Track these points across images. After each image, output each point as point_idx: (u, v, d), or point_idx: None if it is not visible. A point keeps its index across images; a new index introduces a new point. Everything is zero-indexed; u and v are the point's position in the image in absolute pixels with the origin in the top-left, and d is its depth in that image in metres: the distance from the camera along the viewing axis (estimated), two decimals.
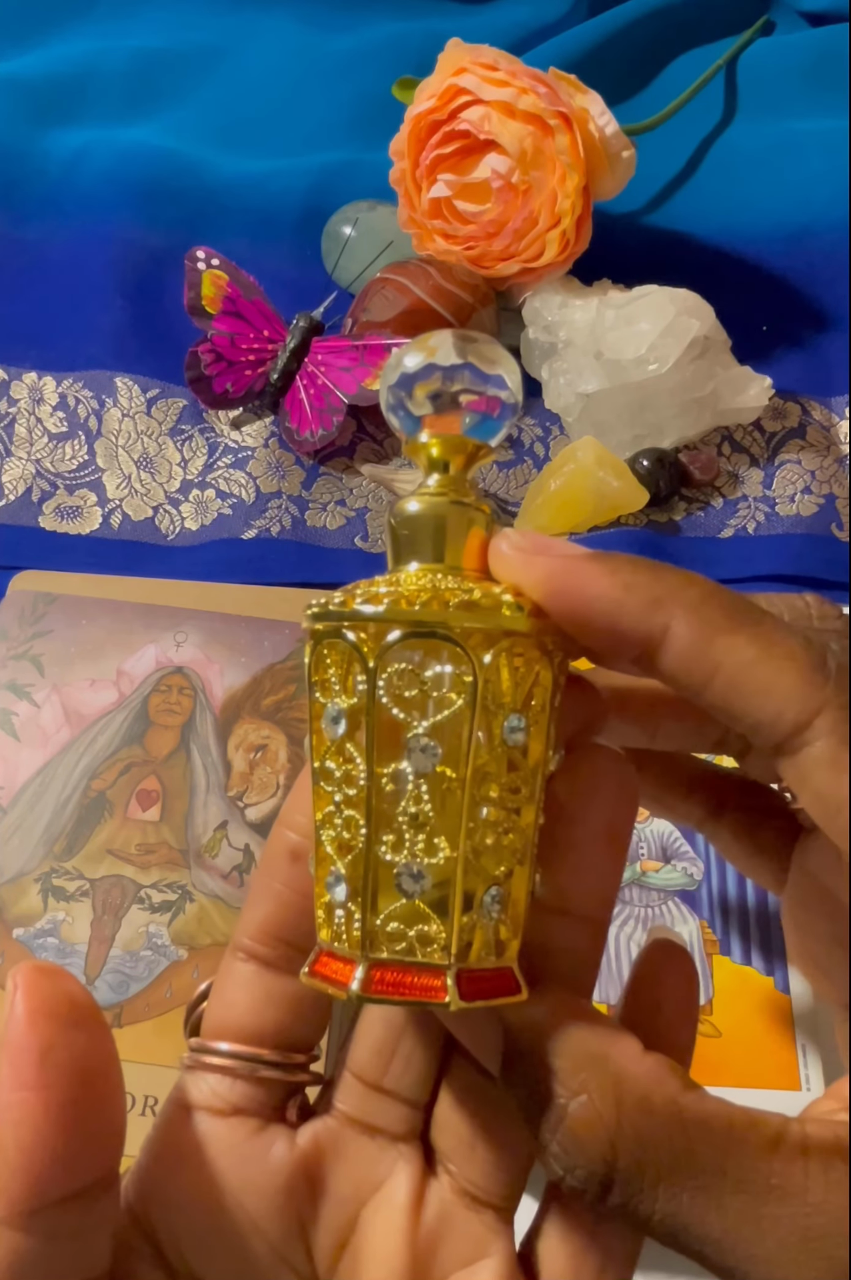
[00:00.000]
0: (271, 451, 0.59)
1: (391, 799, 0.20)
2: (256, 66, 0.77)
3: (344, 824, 0.20)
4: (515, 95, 0.57)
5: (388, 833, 0.20)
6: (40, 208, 0.69)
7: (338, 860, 0.20)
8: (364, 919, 0.20)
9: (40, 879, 0.43)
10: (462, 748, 0.20)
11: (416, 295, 0.58)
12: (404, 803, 0.19)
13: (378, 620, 0.19)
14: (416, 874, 0.20)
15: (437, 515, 0.21)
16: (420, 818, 0.19)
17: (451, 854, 0.20)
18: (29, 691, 0.47)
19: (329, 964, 0.20)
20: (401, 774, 0.19)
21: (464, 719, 0.19)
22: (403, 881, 0.20)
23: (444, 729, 0.19)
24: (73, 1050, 0.19)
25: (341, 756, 0.20)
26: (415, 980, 0.20)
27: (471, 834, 0.20)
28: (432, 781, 0.19)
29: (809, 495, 0.57)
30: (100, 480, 0.59)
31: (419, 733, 0.19)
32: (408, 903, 0.20)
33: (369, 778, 0.20)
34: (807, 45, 0.76)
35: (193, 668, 0.48)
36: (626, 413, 0.57)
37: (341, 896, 0.20)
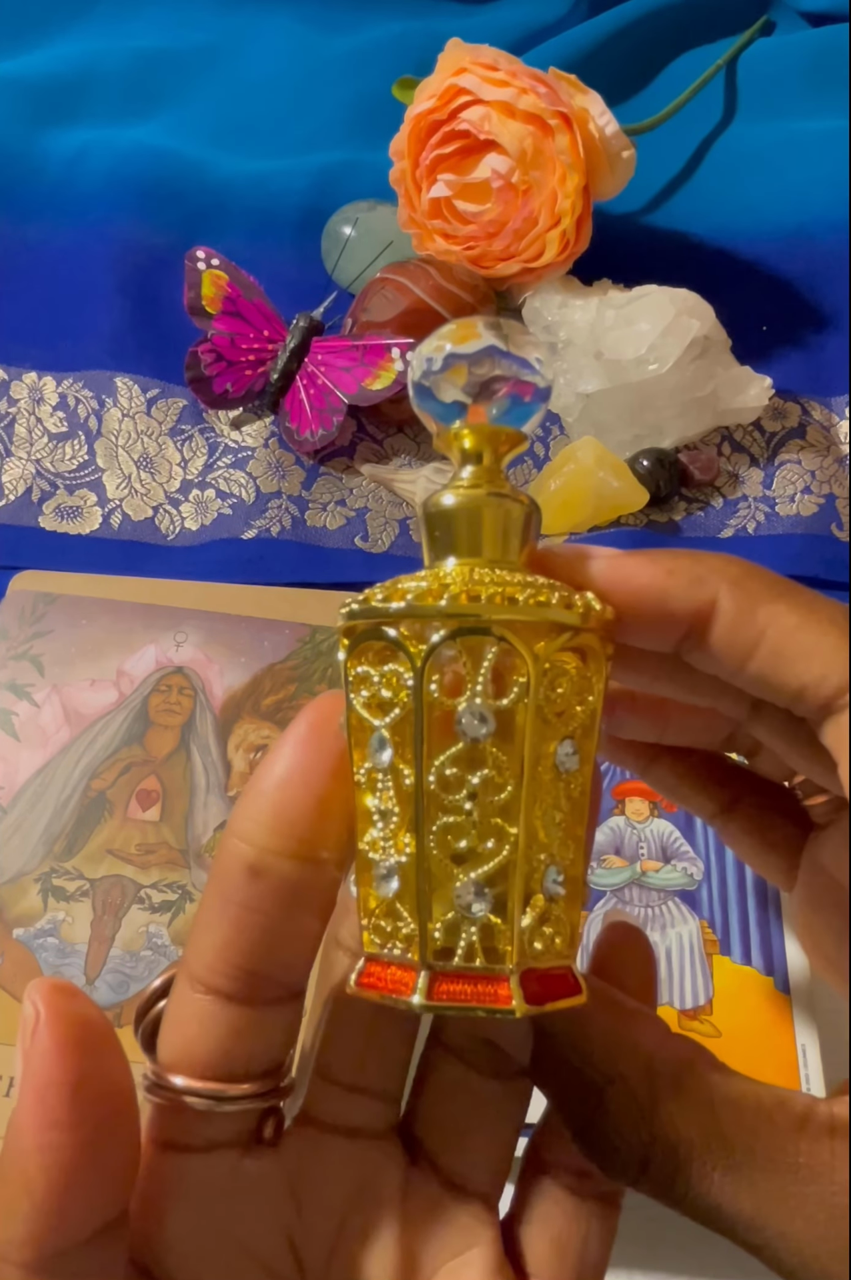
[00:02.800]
0: (271, 451, 0.59)
1: (441, 802, 0.19)
2: (256, 66, 0.77)
3: (392, 832, 0.19)
4: (515, 95, 0.57)
5: (442, 835, 0.19)
6: (40, 208, 0.69)
7: (386, 864, 0.20)
8: (421, 925, 0.19)
9: (40, 879, 0.43)
10: (517, 745, 0.19)
11: (416, 295, 0.58)
12: (457, 798, 0.19)
13: (434, 616, 0.19)
14: (477, 885, 0.19)
15: (475, 508, 0.21)
16: (475, 813, 0.19)
17: (510, 854, 0.19)
18: (29, 691, 0.47)
19: (381, 973, 0.20)
20: (453, 774, 0.19)
21: (519, 716, 0.19)
22: (463, 896, 0.19)
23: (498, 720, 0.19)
24: (101, 1083, 0.18)
25: (389, 771, 0.19)
26: (479, 988, 0.19)
27: (530, 827, 0.19)
28: (486, 784, 0.19)
29: (809, 495, 0.57)
30: (100, 480, 0.59)
31: (473, 706, 0.19)
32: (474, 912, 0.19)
33: (419, 784, 0.19)
34: (807, 45, 0.76)
35: (193, 668, 0.48)
36: (626, 413, 0.57)
37: (393, 895, 0.19)
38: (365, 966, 0.20)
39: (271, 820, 0.20)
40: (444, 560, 0.21)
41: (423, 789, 0.19)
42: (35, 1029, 0.18)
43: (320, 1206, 0.22)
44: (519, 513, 0.21)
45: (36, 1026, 0.18)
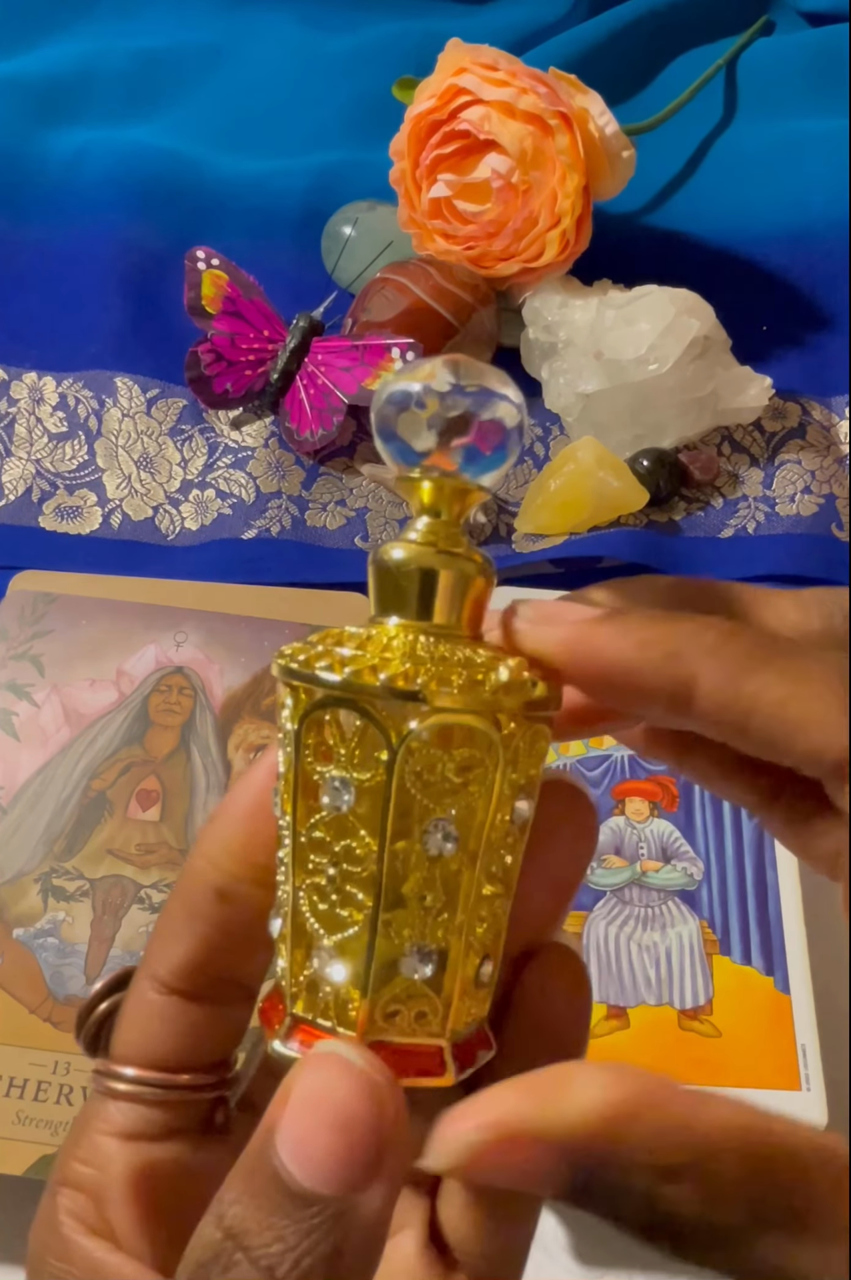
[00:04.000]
0: (271, 451, 0.59)
1: (398, 879, 0.19)
2: (256, 66, 0.77)
3: (340, 900, 0.19)
4: (515, 95, 0.57)
5: (396, 912, 0.19)
6: (40, 208, 0.69)
7: (328, 936, 0.19)
8: (366, 1000, 0.19)
9: (40, 879, 0.43)
10: (476, 828, 0.19)
11: (416, 295, 0.58)
12: (414, 883, 0.19)
13: (405, 699, 0.18)
14: (426, 954, 0.19)
15: (426, 567, 0.20)
16: (429, 899, 0.19)
17: (457, 937, 0.19)
18: (29, 691, 0.47)
19: (315, 1040, 0.20)
20: (414, 856, 0.19)
21: (480, 801, 0.19)
22: (408, 963, 0.19)
23: (462, 813, 0.19)
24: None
25: (343, 830, 0.19)
26: (414, 1061, 0.19)
27: (475, 910, 0.19)
28: (444, 863, 0.19)
29: (809, 495, 0.57)
30: (100, 480, 0.59)
31: (443, 820, 0.19)
32: (407, 981, 0.19)
33: (380, 859, 0.19)
34: (807, 45, 0.76)
35: (193, 668, 0.48)
36: (626, 413, 0.57)
37: (337, 977, 0.19)
38: (295, 1027, 0.20)
39: (240, 850, 0.21)
40: (387, 618, 0.20)
41: (382, 872, 0.19)
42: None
43: None
44: (472, 572, 0.20)
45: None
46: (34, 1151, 0.38)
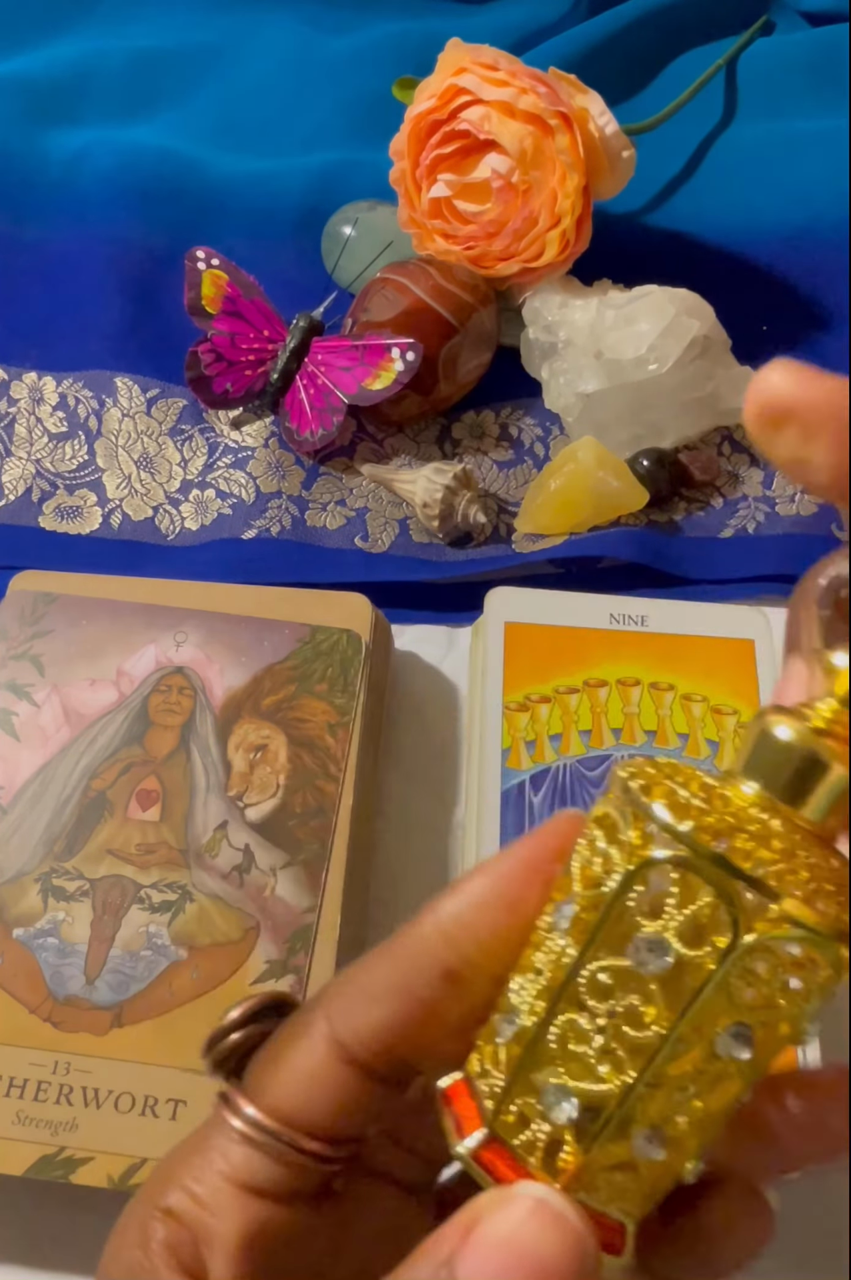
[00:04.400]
0: (271, 451, 0.59)
1: (670, 1059, 0.18)
2: (256, 66, 0.77)
3: (601, 1054, 0.18)
4: (515, 95, 0.57)
5: (655, 1089, 0.18)
6: (40, 208, 0.69)
7: (570, 1080, 0.18)
8: (585, 1155, 0.18)
9: (40, 879, 0.43)
10: (772, 1045, 0.18)
11: (416, 295, 0.58)
12: (683, 1069, 0.18)
13: (694, 853, 0.17)
14: (661, 1138, 0.18)
15: (820, 758, 0.18)
16: (692, 1090, 0.18)
17: (698, 1134, 0.18)
18: (29, 691, 0.47)
19: (461, 1093, 0.19)
20: (700, 1047, 0.18)
21: (787, 1020, 0.18)
22: (640, 1141, 0.18)
23: (766, 1026, 0.18)
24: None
25: (635, 987, 0.18)
26: (597, 1230, 0.18)
27: (725, 1117, 0.18)
28: (724, 1065, 0.18)
29: (809, 495, 0.57)
30: (100, 480, 0.59)
31: (745, 1026, 0.18)
32: (629, 1155, 0.18)
33: (666, 1038, 0.18)
34: (807, 45, 0.76)
35: (193, 668, 0.48)
36: (626, 413, 0.57)
37: (561, 1118, 0.18)
38: (464, 1085, 0.19)
39: (487, 938, 0.19)
40: (747, 781, 0.19)
41: (573, 973, 0.18)
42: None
43: (355, 1245, 0.22)
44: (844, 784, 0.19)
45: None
46: (34, 1151, 0.38)
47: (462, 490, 0.56)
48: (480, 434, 0.60)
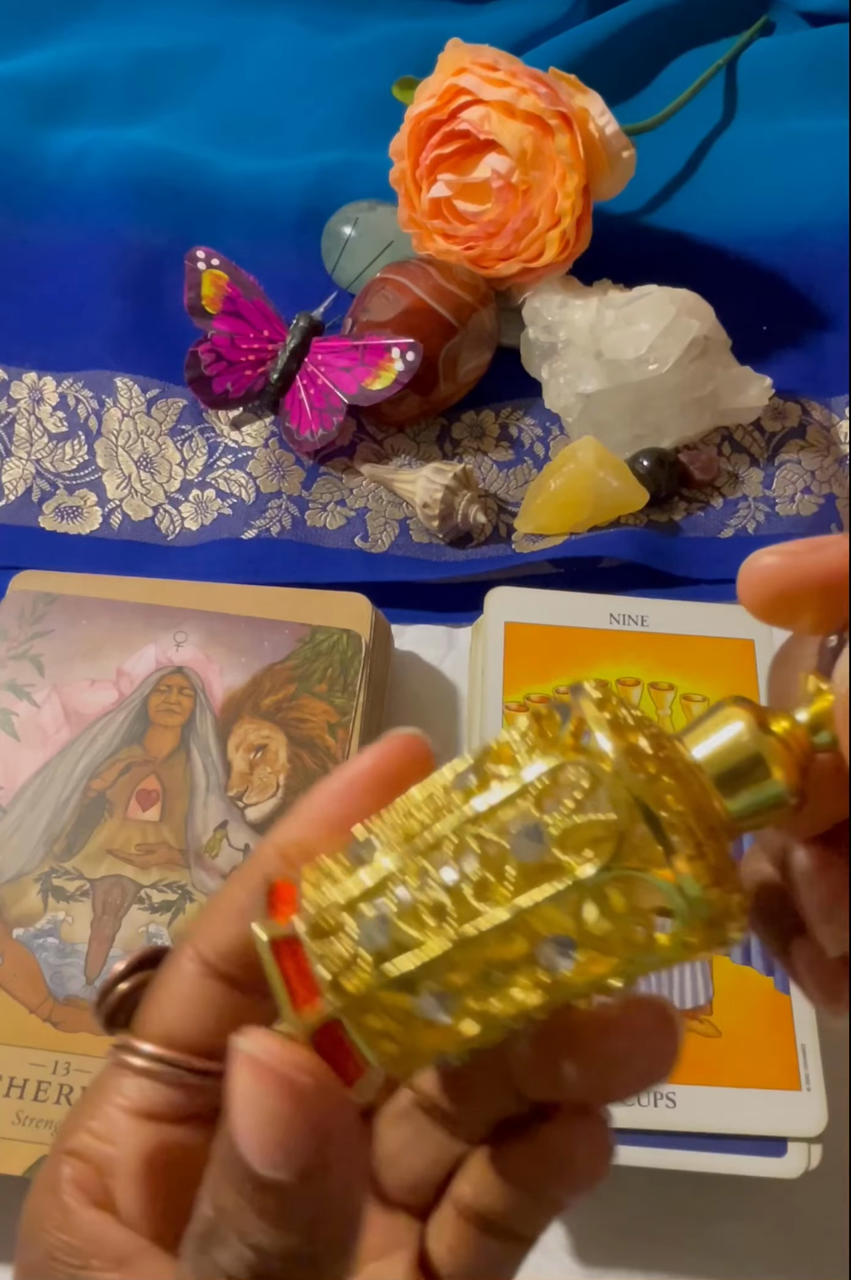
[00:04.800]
0: (271, 451, 0.59)
1: (491, 945, 0.18)
2: (256, 66, 0.77)
3: (432, 908, 0.18)
4: (515, 95, 0.57)
5: (465, 958, 0.18)
6: (40, 208, 0.69)
7: (397, 918, 0.18)
8: (376, 987, 0.18)
9: (40, 879, 0.43)
10: (594, 974, 0.18)
11: (416, 295, 0.58)
12: (497, 958, 0.18)
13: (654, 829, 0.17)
14: (448, 1008, 0.18)
15: (761, 765, 0.19)
16: (495, 979, 0.18)
17: (478, 1024, 0.18)
18: (29, 691, 0.47)
19: (300, 971, 0.19)
20: (522, 940, 0.18)
21: (625, 960, 0.18)
22: (429, 1000, 0.18)
23: (597, 950, 0.18)
24: None
25: (495, 865, 0.18)
26: (345, 1061, 0.19)
27: (512, 1022, 0.19)
28: (536, 972, 0.18)
29: (809, 495, 0.57)
30: (100, 480, 0.59)
31: (572, 942, 0.18)
32: (415, 1008, 0.18)
33: (502, 924, 0.18)
34: (807, 45, 0.76)
35: (193, 668, 0.48)
36: (626, 413, 0.57)
37: (369, 942, 0.18)
38: (288, 943, 0.19)
39: (312, 848, 0.20)
40: (696, 749, 0.19)
41: (450, 828, 0.18)
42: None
43: None
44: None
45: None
46: (34, 1151, 0.38)
47: (462, 490, 0.56)
48: (480, 434, 0.60)
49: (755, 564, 0.21)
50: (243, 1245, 0.18)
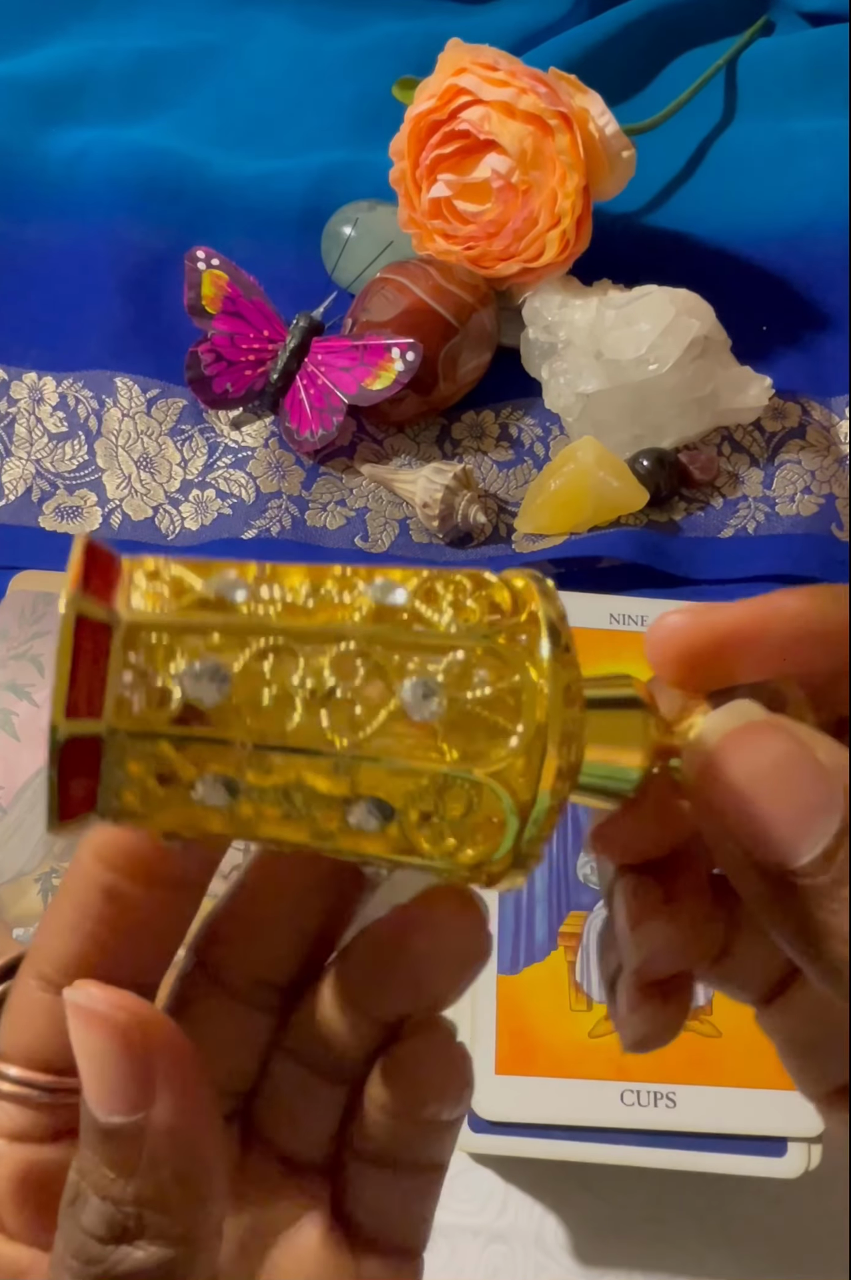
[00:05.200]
0: (271, 451, 0.59)
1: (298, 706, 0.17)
2: (256, 66, 0.77)
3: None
4: (515, 95, 0.57)
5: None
6: (40, 208, 0.69)
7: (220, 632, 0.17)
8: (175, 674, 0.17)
9: (40, 879, 0.43)
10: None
11: (416, 295, 0.58)
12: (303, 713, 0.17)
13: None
14: (224, 683, 0.17)
15: (636, 719, 0.20)
16: (293, 695, 0.17)
17: (248, 732, 0.17)
18: (29, 691, 0.47)
19: (95, 657, 0.16)
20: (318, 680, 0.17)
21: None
22: (208, 674, 0.17)
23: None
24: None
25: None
26: (86, 766, 0.17)
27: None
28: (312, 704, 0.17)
29: (809, 495, 0.57)
30: (100, 480, 0.59)
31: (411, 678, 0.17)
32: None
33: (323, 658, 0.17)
34: (807, 45, 0.76)
35: None
36: (626, 413, 0.57)
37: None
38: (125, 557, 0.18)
39: (132, 851, 0.20)
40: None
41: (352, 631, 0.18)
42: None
43: None
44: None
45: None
46: None
47: (462, 490, 0.56)
48: (480, 434, 0.60)
49: (662, 623, 0.21)
50: (99, 1200, 0.19)
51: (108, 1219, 0.19)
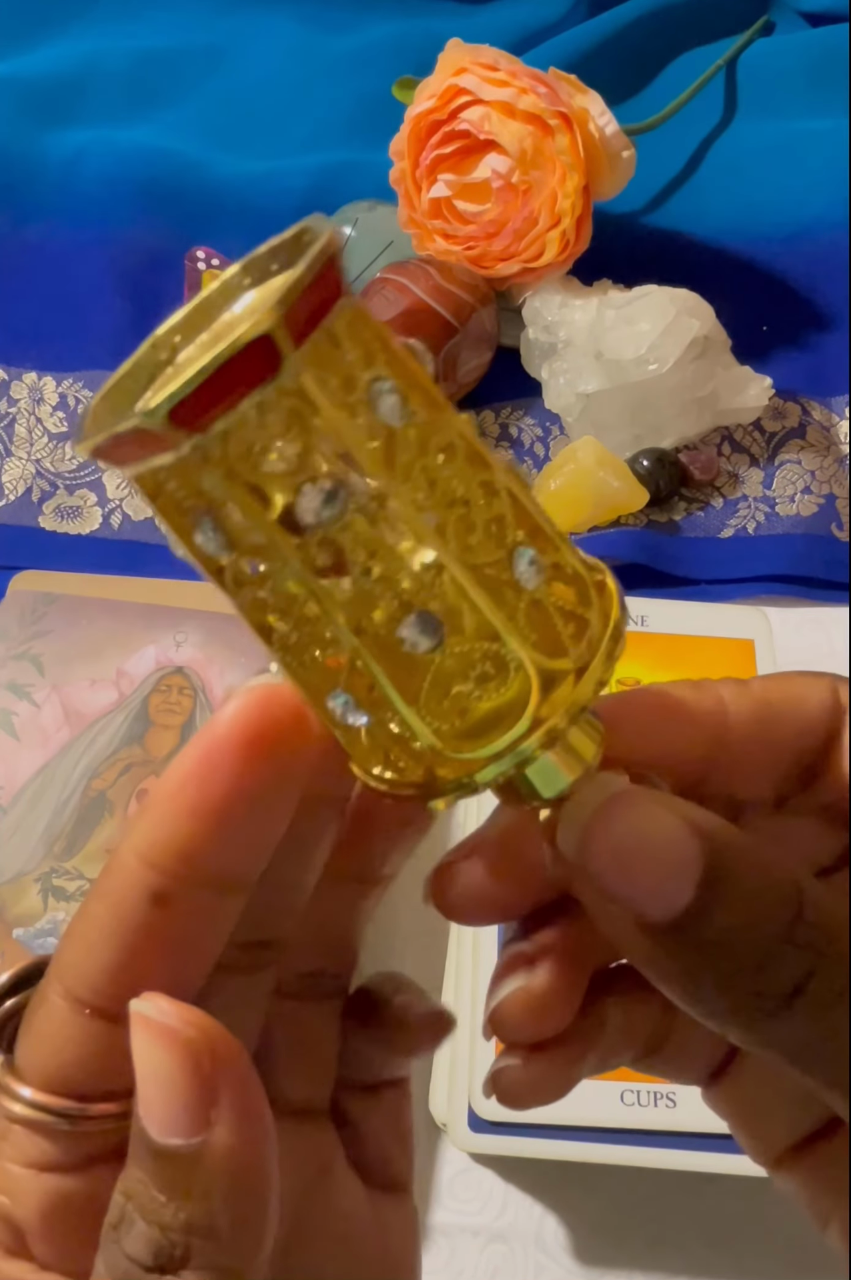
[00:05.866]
0: None
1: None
2: (256, 66, 0.77)
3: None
4: (515, 95, 0.57)
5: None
6: (40, 208, 0.69)
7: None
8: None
9: (40, 879, 0.43)
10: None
11: (416, 295, 0.58)
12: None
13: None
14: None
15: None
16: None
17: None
18: (29, 691, 0.47)
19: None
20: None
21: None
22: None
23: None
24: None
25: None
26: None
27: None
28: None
29: (809, 495, 0.57)
30: (100, 480, 0.59)
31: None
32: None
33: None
34: (807, 45, 0.76)
35: (193, 668, 0.48)
36: (626, 413, 0.57)
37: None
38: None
39: (182, 849, 0.18)
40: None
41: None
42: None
43: None
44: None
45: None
46: None
47: None
48: (480, 434, 0.60)
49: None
50: (146, 1225, 0.18)
51: (154, 1245, 0.17)
